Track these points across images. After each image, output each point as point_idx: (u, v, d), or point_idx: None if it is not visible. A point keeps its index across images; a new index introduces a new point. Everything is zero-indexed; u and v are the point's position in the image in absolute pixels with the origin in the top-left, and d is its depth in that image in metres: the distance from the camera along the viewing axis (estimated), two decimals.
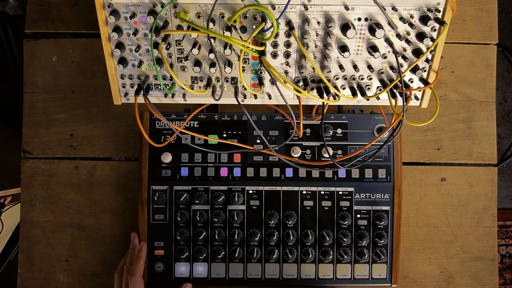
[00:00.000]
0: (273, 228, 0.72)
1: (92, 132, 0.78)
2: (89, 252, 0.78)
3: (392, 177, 0.72)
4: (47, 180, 0.78)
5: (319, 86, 0.65)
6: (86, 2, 0.78)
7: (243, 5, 0.57)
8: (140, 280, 0.69)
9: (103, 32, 0.60)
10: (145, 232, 0.72)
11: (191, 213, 0.72)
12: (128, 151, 0.78)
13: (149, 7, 0.58)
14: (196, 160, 0.72)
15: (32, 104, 0.78)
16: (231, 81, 0.65)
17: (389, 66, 0.64)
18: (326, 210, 0.72)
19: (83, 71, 0.78)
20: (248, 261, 0.72)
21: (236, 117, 0.72)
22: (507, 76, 1.84)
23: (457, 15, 0.78)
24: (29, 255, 0.78)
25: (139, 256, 0.71)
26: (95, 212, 0.78)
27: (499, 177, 1.90)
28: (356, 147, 0.72)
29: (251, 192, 0.72)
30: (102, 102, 0.78)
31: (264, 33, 0.59)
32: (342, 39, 0.61)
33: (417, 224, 0.78)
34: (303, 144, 0.72)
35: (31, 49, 0.78)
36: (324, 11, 0.58)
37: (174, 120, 0.72)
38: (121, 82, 0.65)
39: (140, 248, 0.71)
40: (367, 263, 0.72)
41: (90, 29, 0.78)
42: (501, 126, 1.87)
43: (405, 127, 0.79)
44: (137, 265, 0.70)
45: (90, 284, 0.78)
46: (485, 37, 0.79)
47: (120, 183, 0.78)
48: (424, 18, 0.58)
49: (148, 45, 0.61)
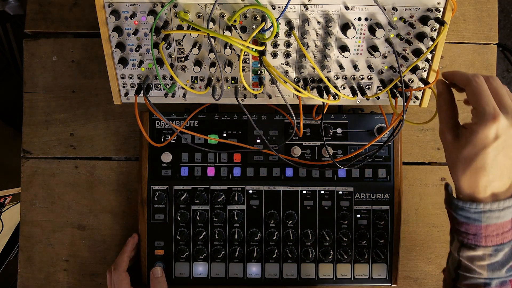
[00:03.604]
0: (273, 228, 0.72)
1: (92, 132, 0.78)
2: (89, 252, 0.78)
3: (392, 177, 0.72)
4: (47, 180, 0.78)
5: (319, 86, 0.65)
6: (86, 2, 0.78)
7: (243, 5, 0.57)
8: (123, 274, 0.69)
9: (103, 32, 0.60)
10: (145, 232, 0.72)
11: (191, 213, 0.72)
12: (128, 151, 0.78)
13: (149, 7, 0.58)
14: (196, 159, 0.72)
15: (32, 103, 0.78)
16: (231, 81, 0.65)
17: (389, 66, 0.64)
18: (326, 210, 0.72)
19: (83, 71, 0.78)
20: (248, 260, 0.72)
21: (236, 117, 0.72)
22: (507, 76, 1.84)
23: (457, 15, 0.78)
24: (29, 255, 0.78)
25: (123, 250, 0.71)
26: (95, 212, 0.78)
27: None
28: (356, 147, 0.72)
29: (251, 192, 0.72)
30: (102, 102, 0.78)
31: (264, 33, 0.59)
32: (342, 39, 0.61)
33: (417, 224, 0.78)
34: (303, 144, 0.72)
35: (31, 49, 0.78)
36: (324, 11, 0.58)
37: (174, 119, 0.72)
38: (121, 82, 0.65)
39: (126, 242, 0.72)
40: (367, 263, 0.72)
41: (90, 29, 0.78)
42: None
43: (405, 127, 0.79)
44: (120, 259, 0.70)
45: (90, 284, 0.78)
46: (485, 37, 0.79)
47: (120, 183, 0.78)
48: (424, 18, 0.58)
49: (148, 45, 0.61)
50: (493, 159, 0.48)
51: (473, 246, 0.51)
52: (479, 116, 0.48)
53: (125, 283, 0.68)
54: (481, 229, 0.50)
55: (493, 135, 0.47)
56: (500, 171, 0.48)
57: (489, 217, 0.49)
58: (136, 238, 0.73)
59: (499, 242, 0.50)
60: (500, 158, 0.48)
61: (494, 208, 0.49)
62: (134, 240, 0.72)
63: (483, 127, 0.47)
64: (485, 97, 0.48)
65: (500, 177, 0.49)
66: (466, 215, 0.51)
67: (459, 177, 0.50)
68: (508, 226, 0.50)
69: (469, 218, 0.50)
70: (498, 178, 0.49)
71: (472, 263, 0.52)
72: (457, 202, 0.51)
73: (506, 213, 0.49)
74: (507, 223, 0.50)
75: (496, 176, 0.49)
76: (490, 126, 0.47)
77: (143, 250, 0.72)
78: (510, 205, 0.49)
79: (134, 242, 0.72)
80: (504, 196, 0.50)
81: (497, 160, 0.48)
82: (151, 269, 0.71)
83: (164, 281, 0.70)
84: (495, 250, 0.50)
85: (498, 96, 0.49)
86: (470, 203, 0.50)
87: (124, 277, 0.69)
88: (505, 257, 0.51)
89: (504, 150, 0.48)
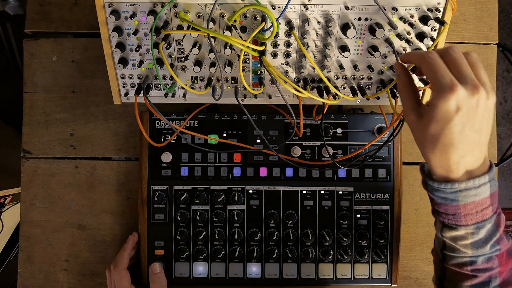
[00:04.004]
0: (273, 228, 0.72)
1: (92, 132, 0.78)
2: (89, 252, 0.78)
3: (392, 177, 0.72)
4: (47, 180, 0.78)
5: (319, 86, 0.65)
6: (86, 2, 0.78)
7: (243, 4, 0.57)
8: (123, 272, 0.69)
9: (103, 32, 0.60)
10: (145, 231, 0.72)
11: (191, 213, 0.72)
12: (128, 151, 0.78)
13: (149, 7, 0.58)
14: (196, 159, 0.72)
15: (32, 103, 0.78)
16: (231, 80, 0.65)
17: (389, 66, 0.64)
18: (326, 210, 0.72)
19: (83, 71, 0.78)
20: (248, 260, 0.72)
21: (236, 117, 0.72)
22: (507, 76, 1.84)
23: (457, 15, 0.78)
24: (29, 254, 0.78)
25: (123, 248, 0.71)
26: (95, 212, 0.78)
27: (499, 177, 1.90)
28: (356, 147, 0.72)
29: (251, 192, 0.72)
30: (102, 102, 0.78)
31: (264, 33, 0.59)
32: (342, 39, 0.61)
33: (417, 224, 0.78)
34: (303, 144, 0.72)
35: (31, 48, 0.78)
36: (324, 11, 0.58)
37: (174, 119, 0.72)
38: (121, 81, 0.65)
39: (127, 240, 0.72)
40: (367, 262, 0.72)
41: (90, 29, 0.78)
42: (501, 126, 1.87)
43: (405, 127, 0.78)
44: (120, 257, 0.70)
45: (90, 284, 0.78)
46: (485, 37, 0.79)
47: (120, 183, 0.78)
48: (424, 18, 0.58)
49: (148, 45, 0.61)
50: (459, 133, 0.46)
51: (454, 226, 0.51)
52: (437, 90, 0.46)
53: (125, 280, 0.68)
54: (459, 209, 0.49)
55: (453, 107, 0.45)
56: (470, 146, 0.47)
57: (466, 196, 0.48)
58: (136, 236, 0.73)
59: (479, 220, 0.49)
60: (467, 131, 0.46)
61: (470, 186, 0.48)
62: (134, 238, 0.72)
63: (442, 101, 0.45)
64: (440, 70, 0.46)
65: (471, 152, 0.47)
66: (442, 196, 0.50)
67: (430, 157, 0.49)
68: (487, 203, 0.49)
69: (446, 198, 0.49)
70: (469, 153, 0.47)
71: (455, 243, 0.52)
72: (432, 183, 0.50)
73: (483, 190, 0.48)
74: (486, 199, 0.49)
75: (466, 151, 0.47)
76: (449, 98, 0.44)
77: (143, 250, 0.72)
78: (486, 181, 0.48)
79: (134, 240, 0.72)
80: (479, 172, 0.48)
81: (464, 134, 0.46)
82: (150, 265, 0.71)
83: (163, 277, 0.70)
84: (477, 228, 0.49)
85: (456, 66, 0.46)
86: (445, 184, 0.48)
87: (124, 275, 0.68)
88: (488, 234, 0.50)
89: (469, 122, 0.45)
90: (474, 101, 0.45)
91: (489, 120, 0.47)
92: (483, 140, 0.47)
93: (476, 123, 0.46)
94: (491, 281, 0.52)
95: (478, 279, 0.52)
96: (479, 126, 0.46)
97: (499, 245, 0.51)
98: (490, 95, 0.46)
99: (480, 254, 0.51)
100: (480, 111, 0.45)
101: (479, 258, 0.52)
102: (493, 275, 0.52)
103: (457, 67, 0.46)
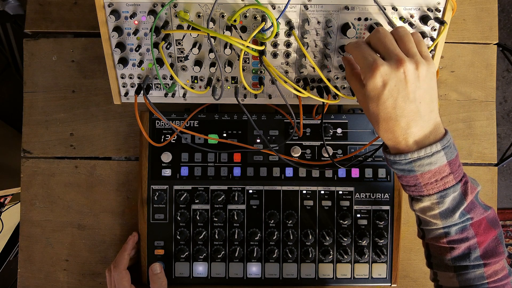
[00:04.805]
0: (273, 227, 0.72)
1: (92, 131, 0.78)
2: (89, 252, 0.78)
3: (392, 177, 0.72)
4: (47, 180, 0.78)
5: (319, 86, 0.65)
6: (86, 1, 0.78)
7: (243, 4, 0.57)
8: (124, 272, 0.69)
9: (103, 32, 0.60)
10: (145, 231, 0.72)
11: (191, 213, 0.72)
12: (128, 150, 0.78)
13: (149, 7, 0.58)
14: (196, 159, 0.72)
15: (32, 103, 0.78)
16: (231, 80, 0.65)
17: None
18: (326, 209, 0.72)
19: (83, 71, 0.78)
20: (248, 260, 0.72)
21: (236, 117, 0.72)
22: (507, 76, 1.84)
23: (457, 15, 0.78)
24: (29, 254, 0.78)
25: (123, 248, 0.71)
26: (95, 212, 0.78)
27: (499, 177, 1.90)
28: (356, 147, 0.72)
29: (251, 192, 0.72)
30: (102, 101, 0.78)
31: (264, 33, 0.59)
32: (342, 39, 0.61)
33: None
34: (303, 143, 0.72)
35: (31, 48, 0.78)
36: (324, 11, 0.58)
37: (174, 119, 0.72)
38: (121, 81, 0.65)
39: (127, 240, 0.72)
40: (367, 262, 0.72)
41: (90, 29, 0.78)
42: (501, 126, 1.87)
43: None
44: (120, 257, 0.70)
45: (90, 284, 0.78)
46: (485, 37, 0.79)
47: (120, 182, 0.78)
48: (424, 18, 0.58)
49: (148, 44, 0.61)
50: (393, 107, 0.48)
51: (418, 198, 0.52)
52: (364, 72, 0.49)
53: (126, 280, 0.68)
54: (418, 179, 0.50)
55: (380, 83, 0.47)
56: (411, 116, 0.48)
57: (421, 165, 0.49)
58: (136, 236, 0.73)
59: (441, 189, 0.50)
60: (401, 103, 0.47)
61: (422, 155, 0.48)
62: (134, 238, 0.72)
63: (368, 80, 0.48)
64: (363, 53, 0.49)
65: (414, 122, 0.48)
66: (400, 168, 0.51)
67: (379, 133, 0.51)
68: (446, 171, 0.49)
69: (403, 170, 0.51)
70: (412, 123, 0.48)
71: (425, 215, 0.53)
72: (388, 156, 0.52)
73: (437, 158, 0.49)
74: (443, 167, 0.49)
75: (408, 122, 0.48)
76: (374, 76, 0.47)
77: (143, 250, 0.72)
78: (439, 149, 0.48)
79: (134, 240, 0.72)
80: (430, 140, 0.49)
81: (399, 106, 0.47)
82: (150, 266, 0.71)
83: (163, 277, 0.70)
84: (440, 197, 0.50)
85: (381, 45, 0.49)
86: (399, 155, 0.50)
87: (124, 275, 0.69)
88: (454, 202, 0.51)
89: (401, 95, 0.47)
90: (401, 74, 0.47)
91: (426, 89, 0.48)
92: (424, 108, 0.48)
93: (410, 93, 0.47)
94: (470, 253, 0.52)
95: (457, 251, 0.53)
96: (413, 96, 0.47)
97: (469, 214, 0.52)
98: (420, 64, 0.47)
99: (450, 224, 0.52)
100: (411, 82, 0.47)
101: (452, 229, 0.52)
102: (472, 245, 0.52)
103: (382, 44, 0.49)
